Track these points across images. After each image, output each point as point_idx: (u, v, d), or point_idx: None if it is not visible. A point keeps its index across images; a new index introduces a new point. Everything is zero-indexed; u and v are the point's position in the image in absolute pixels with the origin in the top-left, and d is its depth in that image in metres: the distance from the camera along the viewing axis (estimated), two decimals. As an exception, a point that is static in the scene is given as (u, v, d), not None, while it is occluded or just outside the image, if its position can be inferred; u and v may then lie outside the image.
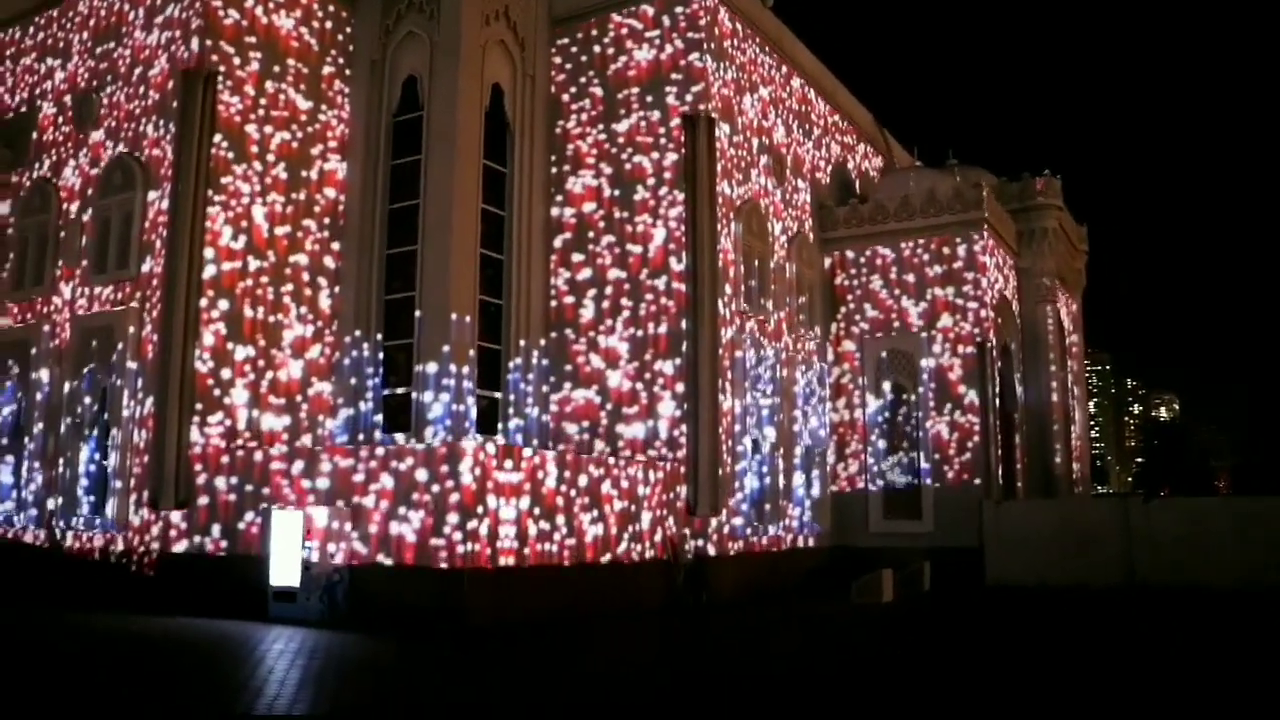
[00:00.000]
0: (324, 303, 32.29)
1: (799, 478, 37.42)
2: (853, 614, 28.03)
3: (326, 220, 32.63)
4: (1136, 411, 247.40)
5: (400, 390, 31.55)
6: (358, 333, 32.32)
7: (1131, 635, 23.31)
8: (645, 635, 23.66)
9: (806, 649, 21.93)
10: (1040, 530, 36.52)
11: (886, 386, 40.28)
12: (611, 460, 28.98)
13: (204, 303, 28.67)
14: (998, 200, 43.86)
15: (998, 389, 40.61)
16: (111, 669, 17.68)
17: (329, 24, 33.41)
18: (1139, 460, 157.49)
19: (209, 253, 28.94)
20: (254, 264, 30.21)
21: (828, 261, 41.89)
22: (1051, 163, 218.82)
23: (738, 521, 32.80)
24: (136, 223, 29.93)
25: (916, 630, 24.94)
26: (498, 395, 32.66)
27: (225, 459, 27.74)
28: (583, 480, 27.10)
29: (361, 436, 31.63)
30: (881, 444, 40.12)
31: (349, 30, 33.98)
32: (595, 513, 27.48)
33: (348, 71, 33.87)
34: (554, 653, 20.84)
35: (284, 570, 24.33)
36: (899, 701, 15.49)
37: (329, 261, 32.60)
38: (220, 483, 27.54)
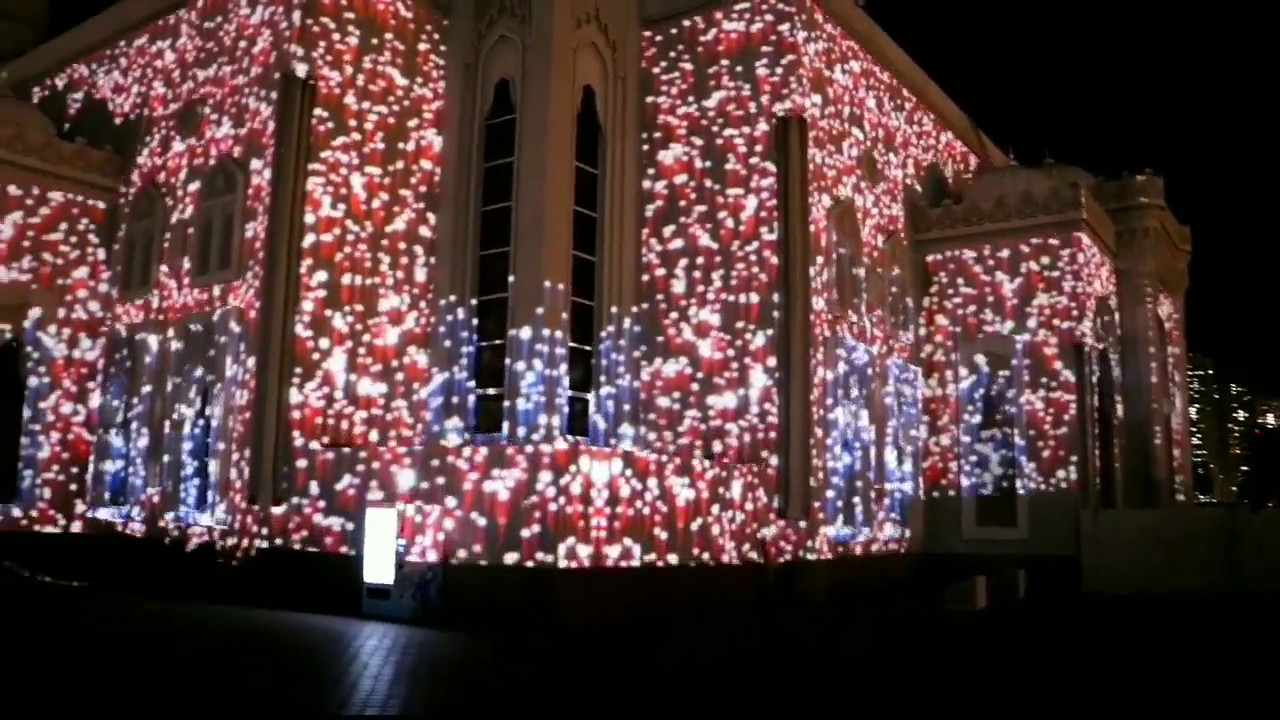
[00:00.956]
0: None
1: (891, 455, 37.04)
2: (944, 620, 27.54)
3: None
4: (1241, 418, 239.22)
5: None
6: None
7: (1237, 648, 22.52)
8: (731, 634, 23.53)
9: (892, 652, 21.56)
10: (1140, 539, 35.41)
11: (981, 360, 39.62)
12: (696, 464, 28.96)
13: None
14: (1096, 200, 42.87)
15: (1095, 392, 39.69)
16: (211, 661, 18.16)
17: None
18: (1244, 469, 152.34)
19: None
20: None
21: (920, 261, 41.32)
22: (1153, 161, 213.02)
23: (830, 515, 32.49)
24: (238, 217, 30.66)
25: (1009, 638, 24.38)
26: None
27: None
28: (669, 482, 27.15)
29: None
30: (975, 419, 39.58)
31: (441, 10, 34.55)
32: (686, 501, 27.53)
33: (442, 47, 34.45)
34: (640, 649, 20.84)
35: (378, 567, 24.75)
36: (977, 710, 15.20)
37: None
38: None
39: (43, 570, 23.96)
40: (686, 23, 35.32)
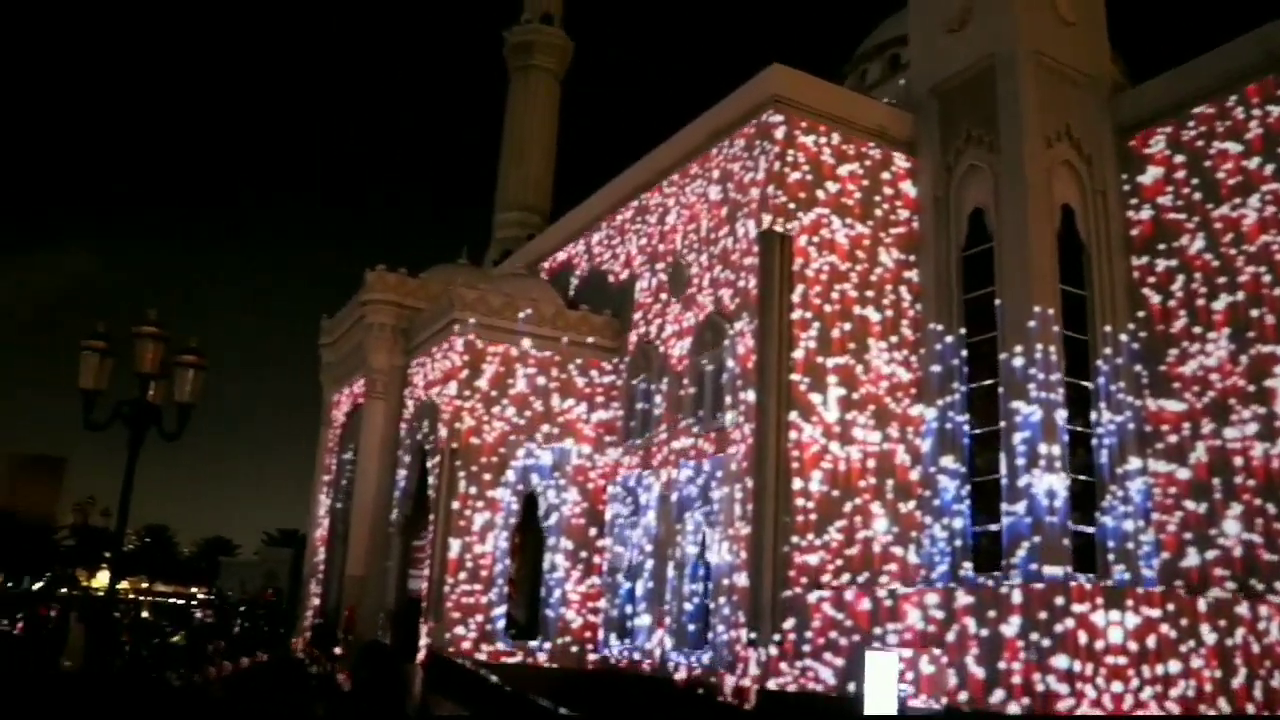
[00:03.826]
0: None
1: None
2: None
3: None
4: None
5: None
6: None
7: None
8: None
9: None
10: None
11: None
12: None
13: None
14: None
15: None
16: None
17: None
18: None
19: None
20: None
21: None
22: None
23: None
24: (728, 376, 32.51)
25: None
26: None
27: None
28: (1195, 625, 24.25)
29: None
30: None
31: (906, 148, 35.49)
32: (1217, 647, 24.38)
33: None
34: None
35: (878, 711, 24.07)
36: None
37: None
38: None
39: (559, 703, 25.87)
40: (1165, 131, 32.79)
